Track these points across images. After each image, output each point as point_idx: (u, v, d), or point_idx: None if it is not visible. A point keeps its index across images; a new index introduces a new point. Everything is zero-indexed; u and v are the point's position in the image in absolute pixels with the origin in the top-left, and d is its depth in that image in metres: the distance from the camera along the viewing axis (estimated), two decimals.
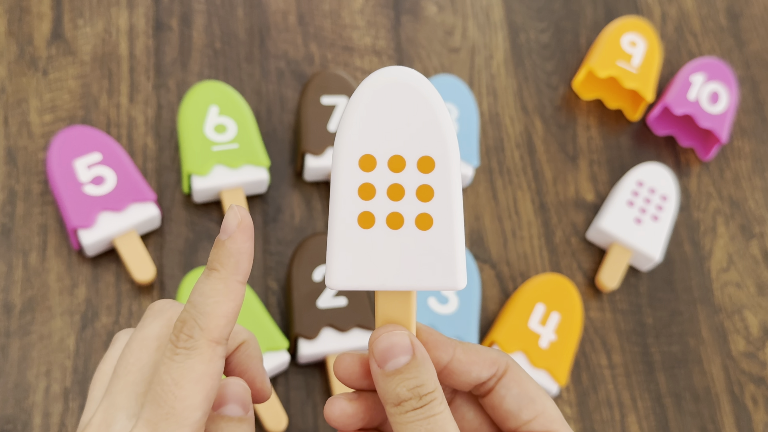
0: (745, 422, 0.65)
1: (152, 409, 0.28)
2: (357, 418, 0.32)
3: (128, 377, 0.30)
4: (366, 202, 0.30)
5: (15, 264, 0.60)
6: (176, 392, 0.28)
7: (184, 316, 0.29)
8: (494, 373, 0.32)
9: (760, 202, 0.74)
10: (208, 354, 0.29)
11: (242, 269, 0.29)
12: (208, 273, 0.29)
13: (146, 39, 0.69)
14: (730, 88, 0.75)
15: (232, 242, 0.29)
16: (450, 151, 0.29)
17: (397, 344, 0.30)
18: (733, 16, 0.82)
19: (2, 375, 0.57)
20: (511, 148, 0.72)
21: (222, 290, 0.29)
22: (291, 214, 0.65)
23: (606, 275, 0.66)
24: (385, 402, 0.30)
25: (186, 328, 0.29)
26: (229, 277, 0.29)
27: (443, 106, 0.29)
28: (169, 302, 0.33)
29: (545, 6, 0.79)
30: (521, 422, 0.32)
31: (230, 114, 0.64)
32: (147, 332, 0.31)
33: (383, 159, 0.29)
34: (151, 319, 0.32)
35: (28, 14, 0.69)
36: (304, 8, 0.74)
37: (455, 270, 0.30)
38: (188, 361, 0.28)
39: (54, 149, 0.60)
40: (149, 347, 0.31)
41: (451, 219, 0.30)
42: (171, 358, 0.29)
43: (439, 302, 0.61)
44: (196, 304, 0.29)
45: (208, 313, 0.29)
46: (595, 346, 0.65)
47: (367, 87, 0.29)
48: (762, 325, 0.69)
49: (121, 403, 0.30)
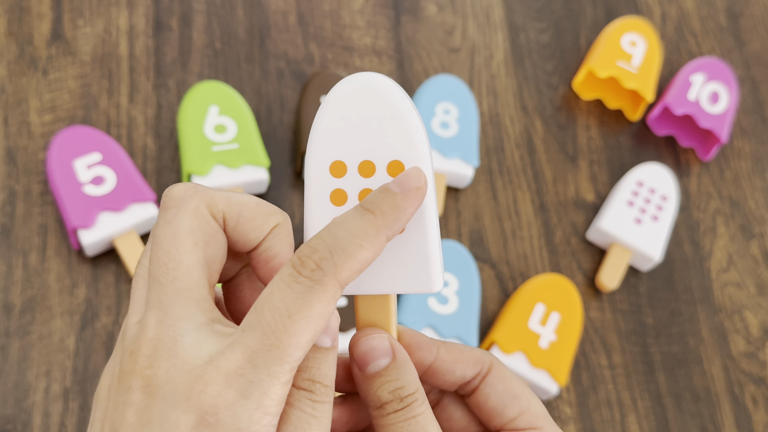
0: (745, 422, 0.65)
1: (255, 336, 0.26)
2: (342, 422, 0.32)
3: (176, 283, 0.27)
4: (338, 207, 0.30)
5: (15, 264, 0.60)
6: (288, 325, 0.26)
7: (316, 244, 0.27)
8: (478, 371, 0.32)
9: (760, 202, 0.74)
10: (330, 293, 0.26)
11: (397, 228, 0.28)
12: (362, 212, 0.28)
13: (146, 39, 0.69)
14: (730, 88, 0.75)
15: (403, 198, 0.28)
16: (419, 155, 0.30)
17: (377, 347, 0.30)
18: (733, 16, 0.82)
19: (2, 375, 0.57)
20: (511, 148, 0.72)
21: (371, 236, 0.27)
22: (291, 214, 0.65)
23: (606, 275, 0.66)
24: (367, 404, 0.30)
25: (317, 256, 0.26)
26: (383, 228, 0.27)
27: (412, 111, 0.30)
28: (188, 186, 0.29)
29: (545, 6, 0.79)
30: (506, 420, 0.32)
31: (230, 114, 0.64)
32: (176, 228, 0.28)
33: (353, 165, 0.30)
34: (175, 210, 0.28)
35: (28, 14, 0.69)
36: (304, 8, 0.74)
37: (430, 273, 0.30)
38: (308, 295, 0.26)
39: (54, 149, 0.60)
40: (185, 245, 0.28)
41: (423, 223, 0.30)
42: (289, 285, 0.26)
43: (439, 302, 0.61)
44: (338, 238, 0.27)
45: (348, 252, 0.27)
46: (595, 346, 0.65)
47: (336, 93, 0.30)
48: (762, 325, 0.69)
49: (180, 312, 0.27)
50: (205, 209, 0.29)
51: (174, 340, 0.26)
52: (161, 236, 0.28)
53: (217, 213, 0.29)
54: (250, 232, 0.29)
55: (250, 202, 0.30)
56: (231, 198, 0.29)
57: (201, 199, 0.29)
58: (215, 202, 0.29)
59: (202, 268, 0.28)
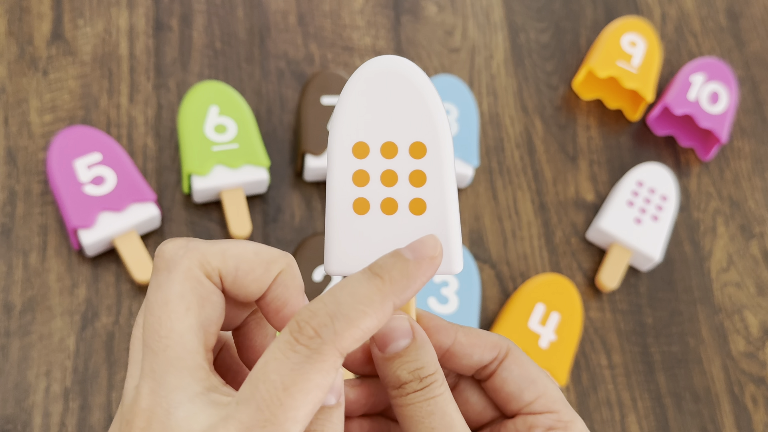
0: (745, 422, 0.65)
1: (249, 411, 0.24)
2: (360, 404, 0.33)
3: (168, 352, 0.26)
4: (360, 188, 0.30)
5: (15, 264, 0.60)
6: (283, 399, 0.24)
7: (317, 308, 0.25)
8: (496, 356, 0.33)
9: (760, 202, 0.74)
10: (330, 364, 0.25)
11: (405, 297, 0.27)
12: (369, 276, 0.26)
13: (146, 39, 0.69)
14: (730, 88, 0.75)
15: (416, 266, 0.27)
16: (441, 137, 0.30)
17: (397, 328, 0.30)
18: (733, 16, 0.82)
19: (2, 375, 0.57)
20: (511, 148, 0.72)
21: (377, 303, 0.26)
22: (291, 215, 0.65)
23: (606, 275, 0.66)
24: (386, 385, 0.30)
25: (316, 322, 0.25)
26: (390, 295, 0.26)
27: (434, 93, 0.30)
28: (179, 245, 0.28)
29: (545, 6, 0.79)
30: (523, 404, 0.32)
31: (230, 114, 0.64)
32: (167, 293, 0.27)
33: (376, 146, 0.30)
34: (167, 273, 0.27)
35: (29, 14, 0.69)
36: (304, 8, 0.74)
37: (450, 254, 0.30)
38: (305, 365, 0.24)
39: (54, 149, 0.61)
40: (177, 311, 0.26)
41: (444, 203, 0.30)
42: (285, 354, 0.25)
43: (439, 302, 0.61)
44: (341, 303, 0.25)
45: (350, 319, 0.25)
46: (595, 346, 0.65)
47: (359, 76, 0.30)
48: (762, 325, 0.69)
49: (173, 383, 0.25)
50: (197, 269, 0.27)
51: (167, 413, 0.25)
52: (153, 302, 0.27)
53: (211, 271, 0.28)
54: (251, 285, 0.28)
55: (247, 252, 0.28)
56: (226, 252, 0.28)
57: (193, 258, 0.27)
58: (208, 259, 0.28)
59: (195, 334, 0.27)
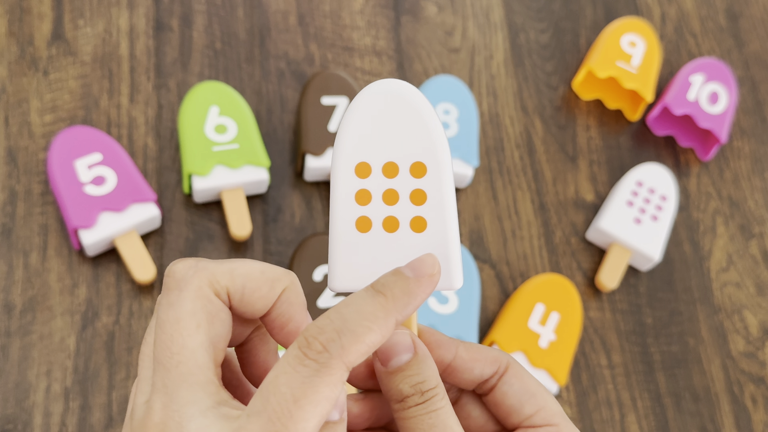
0: (745, 422, 0.65)
1: (261, 423, 0.25)
2: (363, 418, 0.33)
3: (180, 368, 0.27)
4: (363, 207, 0.31)
5: (15, 264, 0.60)
6: (293, 411, 0.25)
7: (324, 324, 0.27)
8: (496, 370, 0.33)
9: (760, 202, 0.74)
10: (337, 377, 0.26)
11: (407, 313, 0.28)
12: (373, 294, 0.28)
13: (147, 39, 0.69)
14: (730, 88, 0.75)
15: (416, 284, 0.28)
16: (440, 157, 0.31)
17: (400, 343, 0.31)
18: (733, 16, 0.82)
19: (3, 375, 0.57)
20: (511, 149, 0.72)
21: (380, 319, 0.27)
22: (291, 214, 0.65)
23: (606, 275, 0.66)
24: (389, 399, 0.31)
25: (324, 337, 0.26)
26: (393, 311, 0.27)
27: (434, 115, 0.31)
28: (189, 265, 0.29)
29: (545, 6, 0.79)
30: (524, 417, 0.33)
31: (230, 114, 0.64)
32: (179, 310, 0.28)
33: (378, 166, 0.31)
34: (178, 292, 0.28)
35: (29, 14, 0.69)
36: (304, 8, 0.74)
37: (450, 270, 0.31)
38: (314, 379, 0.26)
39: (54, 149, 0.61)
40: (188, 329, 0.28)
41: (444, 221, 0.31)
42: (295, 368, 0.26)
43: (439, 302, 0.61)
44: (347, 319, 0.27)
45: (356, 335, 0.26)
46: (595, 346, 0.65)
47: (362, 99, 0.31)
48: (762, 325, 0.69)
49: (185, 397, 0.26)
50: (207, 288, 0.29)
51: (180, 426, 0.26)
52: (164, 319, 0.28)
53: (220, 290, 0.29)
54: (257, 302, 0.30)
55: (254, 271, 0.30)
56: (234, 271, 0.29)
57: (203, 278, 0.29)
58: (217, 278, 0.29)
59: (206, 350, 0.28)
